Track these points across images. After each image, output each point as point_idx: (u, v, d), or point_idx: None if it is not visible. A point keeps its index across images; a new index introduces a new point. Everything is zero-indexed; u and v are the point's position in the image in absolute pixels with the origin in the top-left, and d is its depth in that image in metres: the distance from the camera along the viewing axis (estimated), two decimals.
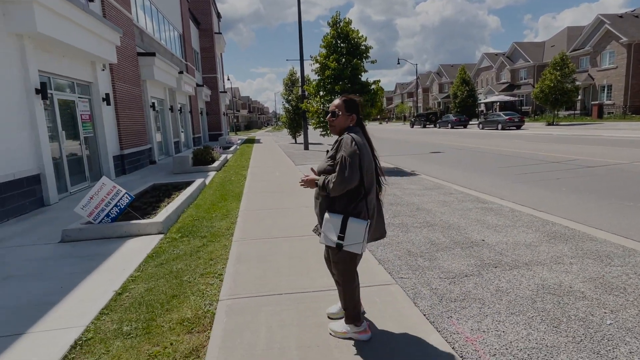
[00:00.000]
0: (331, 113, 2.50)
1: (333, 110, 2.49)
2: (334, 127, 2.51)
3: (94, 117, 10.34)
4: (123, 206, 5.34)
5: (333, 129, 2.52)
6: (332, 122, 2.51)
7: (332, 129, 2.53)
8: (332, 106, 2.51)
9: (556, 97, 29.41)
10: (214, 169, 11.94)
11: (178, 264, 4.11)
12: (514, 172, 9.74)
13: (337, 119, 2.49)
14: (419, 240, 4.65)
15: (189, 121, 23.47)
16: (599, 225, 5.13)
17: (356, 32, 11.24)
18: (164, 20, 19.60)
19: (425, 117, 44.13)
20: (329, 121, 2.54)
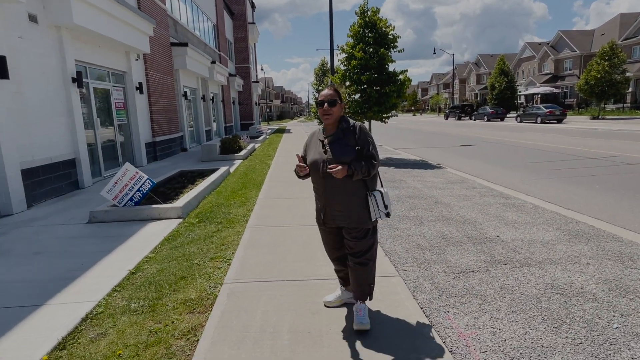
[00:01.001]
0: (329, 102, 2.48)
1: (333, 99, 2.48)
2: (331, 116, 2.50)
3: (127, 105, 10.79)
4: (145, 191, 5.59)
5: (329, 117, 2.50)
6: (330, 111, 2.49)
7: (328, 118, 2.50)
8: (329, 95, 2.50)
9: (603, 89, 27.63)
10: (240, 157, 12.19)
11: (191, 248, 4.27)
12: (547, 167, 9.32)
13: (336, 107, 2.50)
14: (431, 234, 4.58)
15: (221, 110, 23.98)
16: (628, 225, 4.85)
17: (384, 21, 11.04)
18: (198, 11, 20.02)
19: (460, 108, 42.79)
20: (324, 110, 2.49)
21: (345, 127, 2.52)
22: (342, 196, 2.48)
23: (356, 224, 2.50)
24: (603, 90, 27.70)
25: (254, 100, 35.73)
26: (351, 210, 2.49)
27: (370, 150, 2.48)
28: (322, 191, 2.54)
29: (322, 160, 2.47)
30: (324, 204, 2.56)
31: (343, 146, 2.46)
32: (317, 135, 2.63)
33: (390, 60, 11.01)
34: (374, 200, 2.49)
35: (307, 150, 2.65)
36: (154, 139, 12.25)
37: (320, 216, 2.62)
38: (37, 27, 6.91)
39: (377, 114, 11.04)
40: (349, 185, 2.46)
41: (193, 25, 18.99)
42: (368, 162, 2.43)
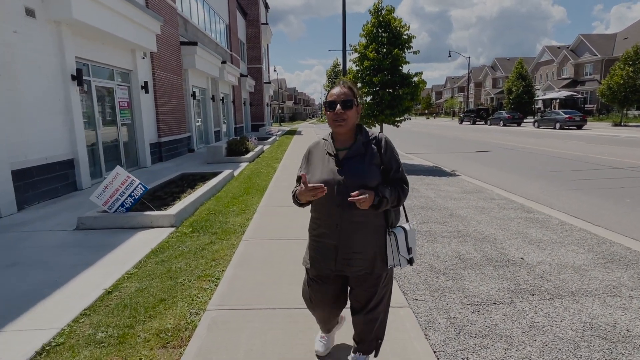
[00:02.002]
0: (344, 103, 1.84)
1: (348, 100, 1.85)
2: (346, 123, 1.86)
3: (132, 105, 10.52)
4: (137, 197, 5.22)
5: (343, 124, 1.86)
6: (344, 115, 1.84)
7: (341, 125, 1.86)
8: (342, 95, 1.85)
9: (626, 95, 26.58)
10: (246, 160, 11.83)
11: (179, 262, 3.87)
12: (569, 177, 8.71)
13: (352, 111, 1.87)
14: (446, 253, 4.10)
15: (231, 111, 23.73)
16: None
17: (399, 20, 10.55)
18: (210, 11, 19.81)
19: (475, 113, 41.84)
20: (336, 115, 1.85)
21: (366, 140, 1.92)
22: (362, 233, 1.88)
23: (375, 270, 1.93)
24: (626, 96, 26.66)
25: (266, 101, 35.49)
26: (373, 252, 1.92)
27: (400, 171, 1.93)
28: (334, 226, 1.88)
29: (336, 183, 1.83)
30: (337, 244, 1.90)
31: (365, 165, 1.86)
32: (323, 148, 1.97)
33: (404, 61, 10.51)
34: (393, 240, 1.91)
35: (309, 167, 1.98)
36: (159, 139, 11.97)
37: (328, 261, 1.94)
38: (34, 21, 6.63)
39: (389, 117, 10.55)
40: (371, 218, 1.88)
41: (204, 24, 18.76)
42: (398, 187, 1.88)
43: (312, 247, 2.03)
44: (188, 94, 15.13)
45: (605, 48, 42.61)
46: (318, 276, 2.03)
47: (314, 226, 2.00)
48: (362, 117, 10.75)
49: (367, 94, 10.77)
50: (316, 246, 1.99)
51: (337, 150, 1.91)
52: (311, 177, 1.91)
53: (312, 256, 2.02)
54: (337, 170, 1.85)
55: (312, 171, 1.94)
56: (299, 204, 1.97)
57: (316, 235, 1.98)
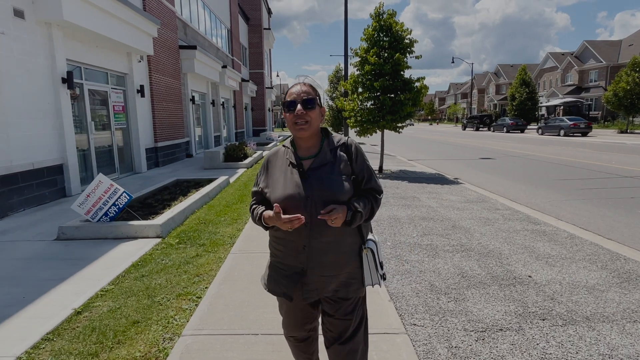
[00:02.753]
0: (305, 102, 1.60)
1: (310, 99, 1.61)
2: (309, 125, 1.61)
3: (127, 109, 10.31)
4: (122, 205, 4.96)
5: (306, 127, 1.61)
6: (307, 116, 1.60)
7: (303, 128, 1.61)
8: (302, 93, 1.62)
9: (632, 102, 26.22)
10: (244, 165, 11.58)
11: (159, 278, 3.60)
12: (576, 186, 8.40)
13: (315, 111, 1.62)
14: (447, 270, 3.81)
15: (232, 116, 23.55)
16: None
17: (400, 24, 10.31)
18: (211, 15, 19.69)
19: (478, 119, 41.54)
20: (297, 116, 1.60)
21: (333, 146, 1.68)
22: (334, 253, 1.63)
23: (350, 293, 1.68)
24: (632, 103, 26.30)
25: (267, 106, 35.34)
26: (347, 273, 1.67)
27: (373, 180, 1.70)
28: (300, 247, 1.61)
29: (302, 198, 1.57)
30: (304, 267, 1.64)
31: (335, 175, 1.61)
32: (284, 156, 1.71)
33: (406, 66, 10.24)
34: (370, 257, 1.67)
35: (269, 179, 1.70)
36: (155, 144, 11.74)
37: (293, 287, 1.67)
38: (23, 22, 6.43)
39: (390, 122, 10.27)
40: (344, 236, 1.64)
41: (205, 28, 18.63)
42: (371, 198, 1.66)
43: (274, 270, 1.74)
44: (187, 99, 14.93)
45: (610, 54, 42.30)
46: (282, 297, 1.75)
47: (277, 247, 1.71)
48: (363, 122, 10.50)
49: (367, 99, 10.52)
50: (280, 269, 1.71)
51: (301, 160, 1.66)
52: (272, 192, 1.64)
53: (274, 279, 1.73)
54: (302, 183, 1.59)
55: (272, 185, 1.67)
56: (264, 227, 1.68)
57: (280, 257, 1.70)
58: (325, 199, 1.55)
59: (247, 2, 30.34)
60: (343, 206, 1.54)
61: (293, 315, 1.83)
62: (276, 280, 1.73)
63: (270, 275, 1.77)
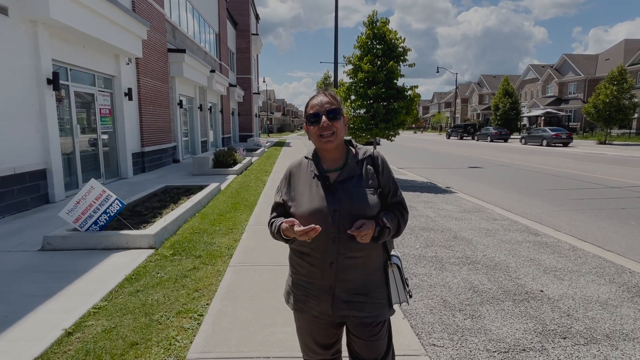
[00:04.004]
0: (330, 113, 1.52)
1: (335, 109, 1.52)
2: (336, 137, 1.53)
3: (114, 112, 9.97)
4: (113, 213, 4.70)
5: (332, 139, 1.52)
6: (333, 127, 1.52)
7: (330, 140, 1.52)
8: (326, 103, 1.53)
9: (610, 114, 27.06)
10: (234, 172, 11.33)
11: (156, 294, 3.37)
12: (568, 196, 8.48)
13: (340, 122, 1.54)
14: (457, 284, 3.69)
15: (219, 121, 23.22)
16: None
17: (394, 32, 10.33)
18: (199, 18, 19.43)
19: (462, 128, 42.19)
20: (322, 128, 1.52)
21: (359, 158, 1.60)
22: (362, 270, 1.54)
23: (380, 315, 1.58)
24: (610, 115, 27.14)
25: (254, 111, 35.07)
26: (375, 292, 1.57)
27: (399, 195, 1.62)
28: (327, 263, 1.52)
29: (330, 212, 1.48)
30: (332, 284, 1.54)
31: (363, 188, 1.53)
32: (308, 168, 1.62)
33: (399, 74, 10.27)
34: (397, 273, 1.59)
35: (292, 192, 1.61)
36: (142, 148, 11.39)
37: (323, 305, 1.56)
38: (6, 20, 6.11)
39: (383, 130, 10.24)
40: (371, 252, 1.54)
41: (193, 32, 18.35)
42: (398, 214, 1.58)
43: (299, 289, 1.64)
44: (174, 103, 14.61)
45: (588, 68, 43.70)
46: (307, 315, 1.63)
47: (301, 263, 1.61)
48: (356, 130, 10.42)
49: (360, 107, 10.46)
50: (306, 287, 1.60)
51: (326, 172, 1.58)
52: (297, 206, 1.55)
53: (301, 298, 1.63)
54: (329, 196, 1.51)
55: (297, 198, 1.58)
56: (284, 240, 1.57)
57: (304, 274, 1.60)
58: (354, 213, 1.48)
59: (235, 8, 30.16)
60: (372, 221, 1.47)
61: (317, 337, 1.68)
62: (303, 300, 1.61)
63: (296, 295, 1.65)
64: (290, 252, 1.67)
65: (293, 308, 1.67)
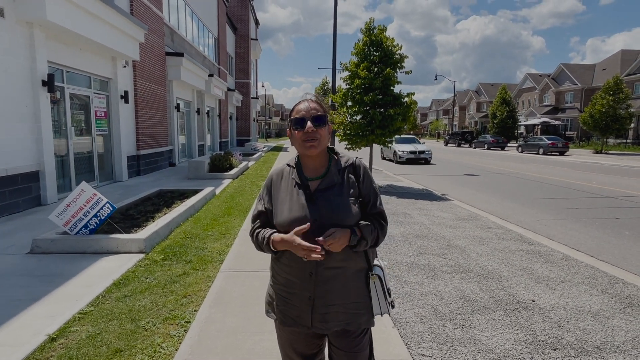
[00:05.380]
0: (315, 119, 1.49)
1: (320, 116, 1.50)
2: (319, 143, 1.50)
3: (110, 115, 9.94)
4: (104, 217, 4.66)
5: (316, 145, 1.49)
6: (317, 134, 1.49)
7: (313, 145, 1.49)
8: (312, 109, 1.50)
9: (607, 124, 27.19)
10: (230, 176, 11.30)
11: (144, 299, 3.32)
12: (563, 205, 8.48)
13: (324, 129, 1.52)
14: (449, 292, 3.67)
15: (217, 125, 23.22)
16: None
17: (391, 39, 10.37)
18: (198, 22, 19.48)
19: (460, 135, 42.34)
20: (307, 134, 1.49)
21: (340, 166, 1.58)
22: (342, 280, 1.52)
23: (362, 325, 1.56)
24: (607, 125, 27.27)
25: (253, 116, 35.11)
26: (356, 302, 1.54)
27: (379, 205, 1.59)
28: (307, 274, 1.50)
29: (309, 222, 1.46)
30: (312, 295, 1.51)
31: (344, 197, 1.51)
32: (289, 176, 1.60)
33: (396, 81, 10.29)
34: (378, 284, 1.56)
35: (273, 200, 1.60)
36: (138, 152, 11.35)
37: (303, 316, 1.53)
38: (3, 21, 6.10)
39: (379, 137, 10.24)
40: (351, 261, 1.53)
41: (192, 36, 18.39)
42: (377, 224, 1.55)
43: (279, 299, 1.60)
44: (172, 106, 14.60)
45: (585, 78, 44.00)
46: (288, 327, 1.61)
47: (281, 272, 1.58)
48: (352, 136, 10.43)
49: (357, 113, 10.47)
50: (286, 298, 1.58)
51: (308, 180, 1.56)
52: (277, 215, 1.55)
53: (281, 309, 1.60)
54: (309, 205, 1.49)
55: (278, 206, 1.56)
56: (273, 252, 1.55)
57: (284, 284, 1.58)
58: (334, 222, 1.45)
59: (235, 12, 30.29)
60: (345, 229, 1.44)
61: (297, 348, 1.64)
62: (284, 310, 1.59)
63: (277, 305, 1.61)
64: (272, 262, 1.64)
65: (274, 318, 1.64)
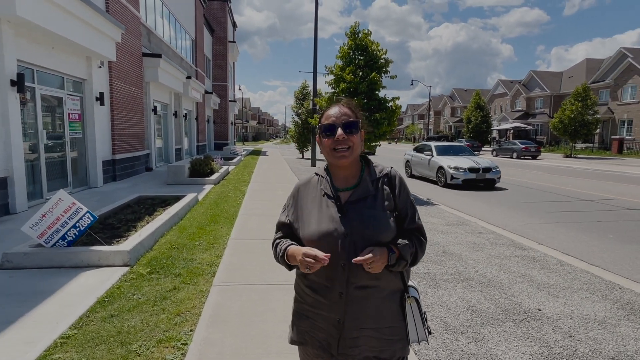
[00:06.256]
0: (347, 126, 1.36)
1: (352, 122, 1.38)
2: (351, 152, 1.37)
3: (84, 117, 9.44)
4: (83, 228, 4.32)
5: (347, 155, 1.37)
6: (349, 141, 1.36)
7: (345, 155, 1.37)
8: (343, 115, 1.38)
9: (575, 129, 28.26)
10: (211, 181, 10.94)
11: (133, 319, 3.05)
12: (545, 209, 8.63)
13: (357, 136, 1.39)
14: (455, 303, 3.56)
15: (194, 128, 22.66)
16: None
17: (376, 44, 10.34)
18: (176, 24, 18.98)
19: (436, 140, 43.09)
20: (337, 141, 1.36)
21: (374, 176, 1.45)
22: (375, 302, 1.37)
23: (397, 353, 1.41)
24: (576, 130, 28.34)
25: (230, 119, 34.55)
26: (391, 327, 1.39)
27: (417, 220, 1.47)
28: (336, 294, 1.35)
29: (340, 236, 1.33)
30: (341, 318, 1.36)
31: (378, 211, 1.38)
32: (317, 186, 1.47)
33: (382, 85, 10.26)
34: (415, 307, 1.42)
35: (299, 211, 1.47)
36: (114, 156, 10.83)
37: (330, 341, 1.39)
38: None
39: (365, 142, 10.14)
40: (385, 280, 1.38)
41: (169, 37, 17.88)
42: (415, 240, 1.42)
43: (302, 319, 1.46)
44: (149, 109, 14.08)
45: (554, 84, 45.76)
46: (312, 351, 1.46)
47: (307, 291, 1.44)
48: None
49: None
50: (312, 319, 1.43)
51: (338, 191, 1.43)
52: (304, 227, 1.42)
53: (306, 330, 1.45)
54: (339, 218, 1.36)
55: (304, 218, 1.43)
56: (287, 266, 1.45)
57: (310, 304, 1.43)
58: (367, 238, 1.33)
59: (212, 14, 29.78)
60: (383, 248, 1.31)
61: None
62: (307, 333, 1.44)
63: (299, 327, 1.47)
64: (296, 278, 1.51)
65: (295, 343, 1.50)
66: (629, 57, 34.04)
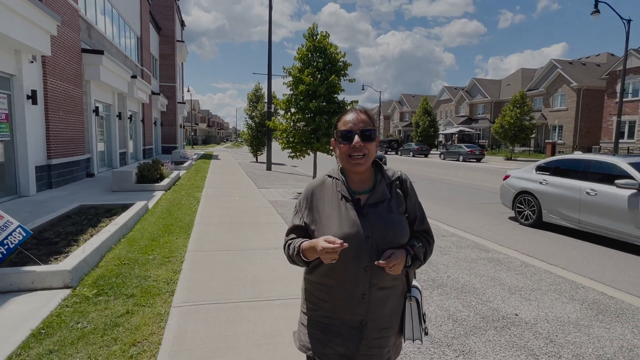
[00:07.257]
0: (364, 133, 1.41)
1: (370, 130, 1.42)
2: (366, 159, 1.42)
3: (12, 117, 8.40)
4: (13, 245, 3.70)
5: (364, 161, 1.41)
6: (365, 148, 1.41)
7: (361, 162, 1.41)
8: (361, 122, 1.42)
9: (515, 133, 30.26)
10: (161, 188, 10.22)
11: (78, 354, 2.58)
12: (498, 210, 8.95)
13: (373, 144, 1.44)
14: (434, 312, 3.44)
15: (140, 131, 21.33)
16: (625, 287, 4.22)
17: (334, 46, 10.24)
18: (119, 19, 17.74)
19: (387, 143, 44.22)
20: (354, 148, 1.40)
21: (388, 180, 1.49)
22: (392, 301, 1.44)
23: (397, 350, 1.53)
24: (515, 134, 30.33)
25: (179, 122, 33.04)
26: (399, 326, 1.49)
27: (426, 222, 1.53)
28: (358, 296, 1.38)
29: (362, 238, 1.36)
30: (364, 319, 1.39)
31: (394, 213, 1.43)
32: (334, 189, 1.48)
33: (340, 88, 10.17)
34: (415, 307, 1.47)
35: (315, 214, 1.46)
36: (49, 161, 9.77)
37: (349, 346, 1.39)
38: None
39: (324, 145, 10.01)
40: (399, 280, 1.46)
41: (112, 33, 16.65)
42: (425, 242, 1.48)
43: (316, 327, 1.46)
44: (90, 109, 12.95)
45: (493, 91, 48.81)
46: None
47: (323, 297, 1.44)
48: (297, 144, 10.06)
49: (301, 120, 10.13)
50: (327, 325, 1.43)
51: (357, 194, 1.46)
52: (324, 230, 1.41)
53: (319, 338, 1.43)
54: (361, 221, 1.39)
55: (322, 220, 1.44)
56: (304, 262, 1.43)
57: (327, 310, 1.43)
58: (388, 241, 1.38)
59: (159, 12, 28.36)
60: (401, 250, 1.37)
61: None
62: (324, 340, 1.42)
63: (314, 335, 1.45)
64: (307, 286, 1.50)
65: (309, 352, 1.45)
66: (559, 67, 37.10)
